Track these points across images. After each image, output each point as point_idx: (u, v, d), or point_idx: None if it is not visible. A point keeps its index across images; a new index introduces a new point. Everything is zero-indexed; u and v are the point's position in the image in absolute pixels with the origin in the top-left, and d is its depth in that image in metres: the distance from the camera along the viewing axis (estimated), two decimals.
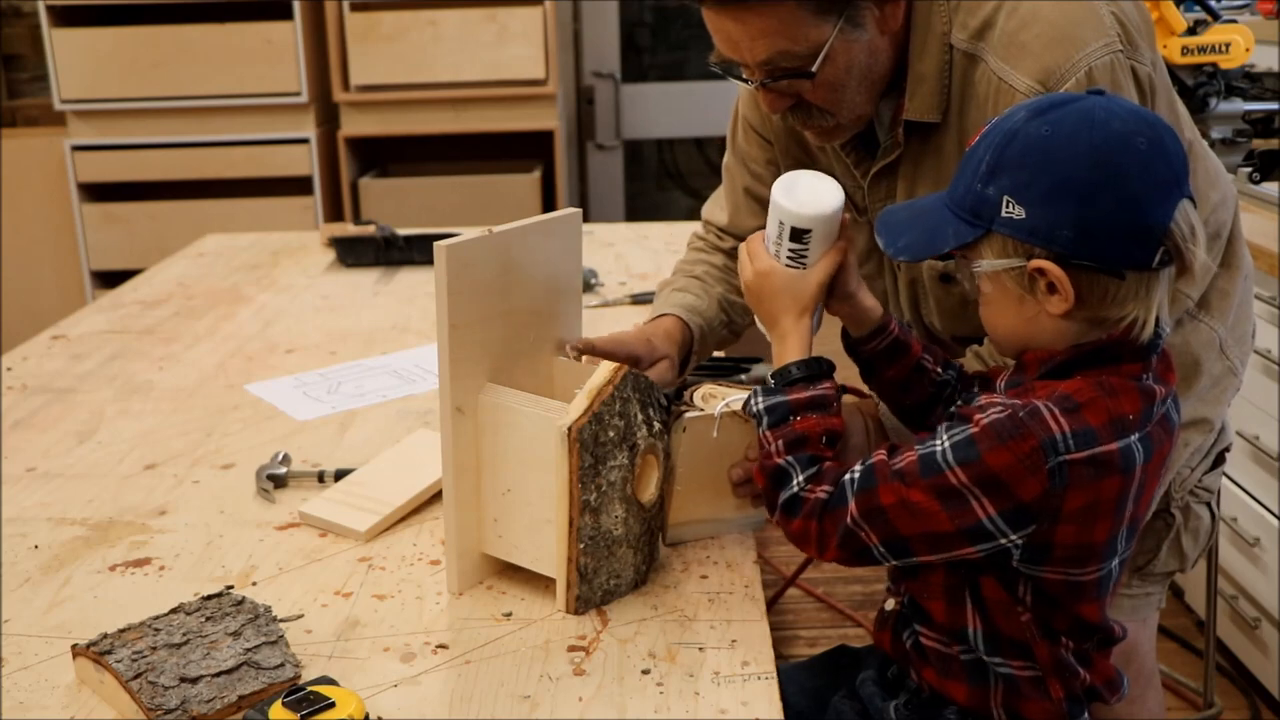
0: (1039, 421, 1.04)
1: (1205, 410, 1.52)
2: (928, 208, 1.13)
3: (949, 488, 1.06)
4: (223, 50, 3.96)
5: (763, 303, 1.26)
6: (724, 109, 1.77)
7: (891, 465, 1.10)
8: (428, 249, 2.21)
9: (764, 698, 1.10)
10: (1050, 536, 1.06)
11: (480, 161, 4.31)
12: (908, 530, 1.09)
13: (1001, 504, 1.04)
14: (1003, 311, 1.12)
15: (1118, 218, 1.02)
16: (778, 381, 1.20)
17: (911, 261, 1.22)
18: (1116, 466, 1.06)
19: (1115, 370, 1.08)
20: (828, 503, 1.12)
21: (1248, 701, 2.46)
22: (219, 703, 1.06)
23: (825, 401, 1.18)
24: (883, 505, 1.09)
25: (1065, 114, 1.05)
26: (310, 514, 1.45)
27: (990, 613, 1.13)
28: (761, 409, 1.19)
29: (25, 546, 1.41)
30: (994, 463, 1.04)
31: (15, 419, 1.82)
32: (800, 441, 1.15)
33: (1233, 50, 2.46)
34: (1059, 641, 1.13)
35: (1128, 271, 1.04)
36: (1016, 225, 1.05)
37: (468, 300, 1.22)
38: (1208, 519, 1.58)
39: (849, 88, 1.35)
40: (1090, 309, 1.06)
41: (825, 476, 1.13)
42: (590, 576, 1.23)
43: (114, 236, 4.12)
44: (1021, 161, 1.04)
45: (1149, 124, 1.05)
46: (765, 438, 1.17)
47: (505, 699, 1.11)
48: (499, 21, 4.00)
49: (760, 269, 1.25)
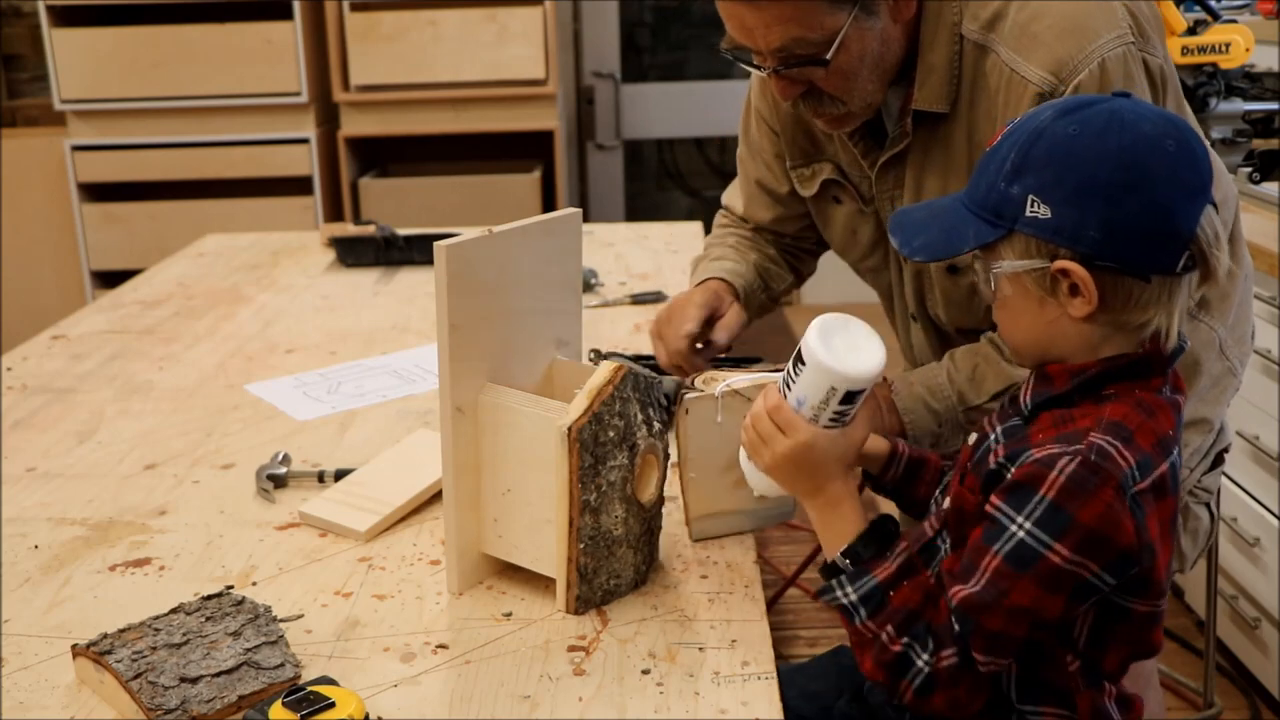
0: (1111, 462, 1.00)
1: (1205, 410, 1.52)
2: (945, 207, 1.11)
3: (1054, 571, 1.00)
4: (223, 50, 3.96)
5: (802, 474, 1.14)
6: (724, 109, 1.78)
7: (978, 593, 1.02)
8: (428, 249, 2.21)
9: (764, 698, 1.10)
10: (1153, 573, 1.03)
11: (480, 161, 4.31)
12: (1028, 632, 1.02)
13: (1105, 558, 1.00)
14: (1022, 314, 1.09)
15: (1145, 220, 1.00)
16: (853, 561, 1.09)
17: (928, 261, 1.17)
18: (1169, 487, 1.04)
19: (1146, 385, 1.06)
20: (960, 662, 1.03)
21: (1248, 701, 2.46)
22: (219, 703, 1.06)
23: (911, 564, 1.09)
24: (995, 631, 1.02)
25: (1093, 114, 1.03)
26: (310, 514, 1.45)
27: (1033, 660, 1.08)
28: (855, 600, 1.08)
29: (25, 546, 1.41)
30: (1089, 520, 0.99)
31: (15, 419, 1.82)
32: (910, 618, 1.05)
33: (1233, 50, 2.46)
34: (1103, 689, 1.09)
35: (1153, 275, 1.02)
36: (1041, 225, 1.02)
37: (468, 300, 1.22)
38: (1207, 519, 1.58)
39: (861, 76, 1.34)
40: (1113, 313, 1.04)
41: (943, 640, 1.04)
42: (590, 576, 1.23)
43: (114, 236, 4.12)
44: (1048, 161, 1.02)
45: (1176, 127, 1.03)
46: (867, 629, 1.07)
47: (505, 699, 1.11)
48: (499, 21, 4.00)
49: (801, 441, 1.12)
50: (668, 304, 1.59)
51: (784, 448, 1.12)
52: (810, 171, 1.59)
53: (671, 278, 2.53)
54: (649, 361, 1.85)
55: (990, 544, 1.02)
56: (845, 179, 1.54)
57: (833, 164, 1.55)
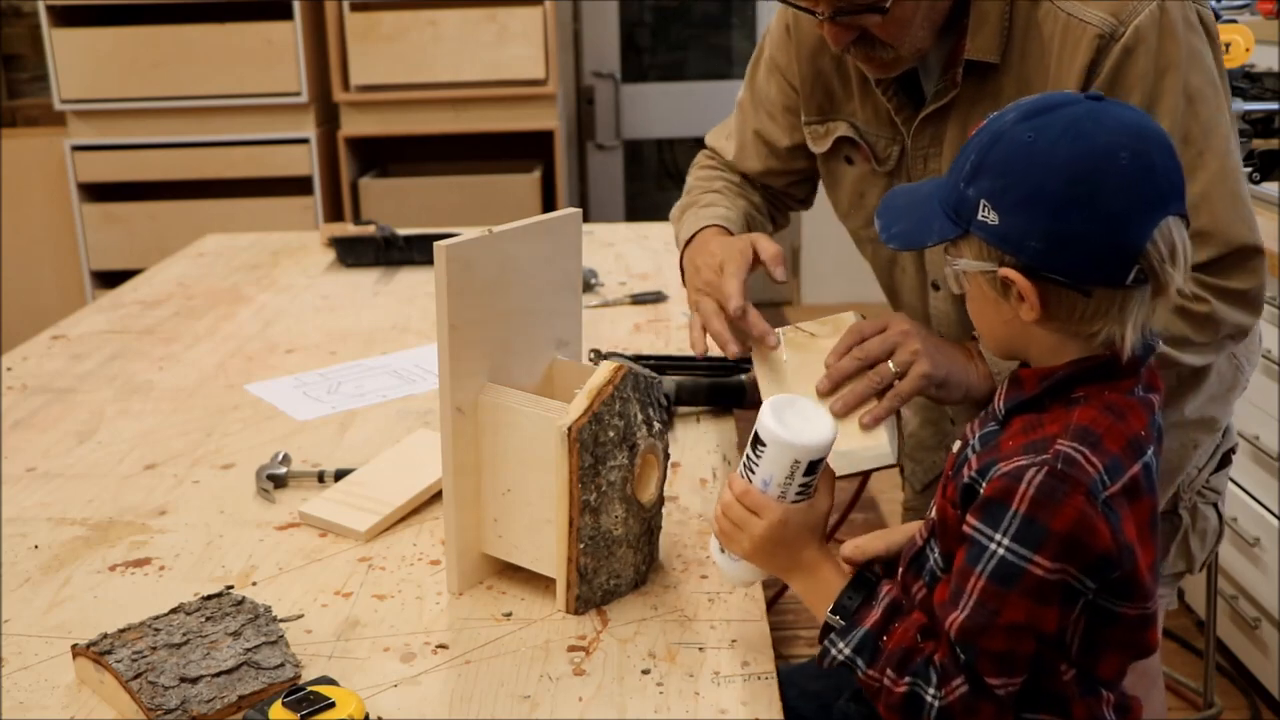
0: (1078, 469, 0.99)
1: (1214, 410, 1.52)
2: (925, 196, 1.11)
3: (1039, 583, 0.99)
4: (223, 50, 3.96)
5: (780, 551, 1.14)
6: (724, 109, 1.76)
7: (969, 618, 1.01)
8: (428, 249, 2.21)
9: (764, 698, 1.10)
10: (1135, 574, 1.02)
11: (480, 161, 4.31)
12: (1032, 647, 1.02)
13: (1084, 561, 1.00)
14: (982, 311, 1.10)
15: (1090, 234, 0.99)
16: (842, 616, 1.10)
17: (901, 249, 1.17)
18: (1143, 488, 1.03)
19: (1115, 387, 1.06)
20: (971, 690, 1.02)
21: (1248, 701, 2.47)
22: (219, 703, 1.06)
23: (897, 605, 1.08)
24: (999, 651, 1.01)
25: (1052, 120, 1.02)
26: (310, 514, 1.45)
27: (1031, 670, 1.06)
28: (850, 654, 1.07)
29: (25, 546, 1.41)
30: (1062, 528, 0.98)
31: (15, 419, 1.82)
32: (905, 657, 1.05)
33: (1233, 50, 2.46)
34: (1100, 695, 1.08)
35: (1096, 288, 1.01)
36: (990, 230, 1.02)
37: (468, 300, 1.22)
38: (1214, 519, 1.57)
39: (915, 23, 1.32)
40: (1060, 321, 1.04)
41: (949, 671, 1.03)
42: (590, 576, 1.23)
43: (114, 236, 4.12)
44: (1001, 167, 1.02)
45: (1139, 137, 1.01)
46: (870, 678, 1.06)
47: (505, 699, 1.11)
48: (499, 21, 4.00)
49: (775, 520, 1.12)
50: (694, 280, 1.52)
51: (760, 529, 1.13)
52: (825, 129, 1.56)
53: (672, 277, 2.53)
54: (649, 361, 1.85)
55: (973, 565, 1.02)
56: (861, 138, 1.52)
57: (849, 122, 1.53)
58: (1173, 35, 1.29)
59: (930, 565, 1.13)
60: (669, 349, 2.07)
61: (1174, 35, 1.29)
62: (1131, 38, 1.28)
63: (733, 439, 1.68)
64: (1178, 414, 1.49)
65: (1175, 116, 1.29)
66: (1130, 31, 1.28)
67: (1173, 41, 1.29)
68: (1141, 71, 1.29)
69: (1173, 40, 1.29)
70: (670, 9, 5.29)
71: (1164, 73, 1.29)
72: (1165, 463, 1.49)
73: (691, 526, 1.43)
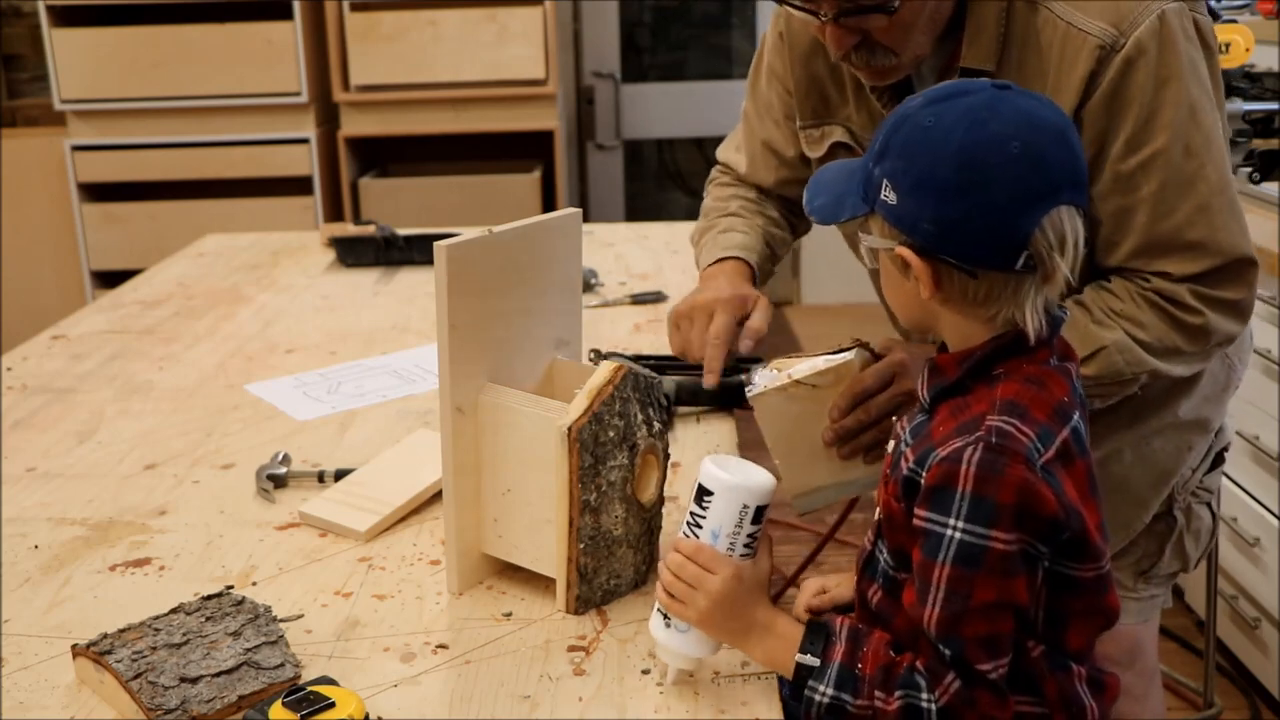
0: (1012, 440, 1.01)
1: (1207, 411, 1.52)
2: (850, 172, 1.13)
3: (1002, 557, 1.00)
4: (223, 50, 3.96)
5: (734, 612, 1.10)
6: (724, 109, 1.77)
7: (942, 610, 1.01)
8: (428, 249, 2.21)
9: (764, 698, 1.11)
10: (1085, 535, 1.04)
11: (480, 161, 4.31)
12: (1011, 625, 1.02)
13: (1036, 528, 1.01)
14: (890, 287, 1.14)
15: (976, 220, 1.02)
16: (810, 672, 1.07)
17: (821, 223, 1.18)
18: (1074, 451, 1.06)
19: (1032, 359, 1.08)
20: (964, 683, 1.02)
21: (1248, 701, 2.47)
22: (219, 703, 1.06)
23: (856, 633, 1.08)
24: (982, 635, 1.01)
25: (951, 108, 1.04)
26: (310, 514, 1.45)
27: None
28: (834, 694, 1.06)
29: (25, 546, 1.41)
30: (1010, 499, 1.00)
31: (15, 419, 1.82)
32: (887, 675, 1.04)
33: (1233, 50, 2.46)
34: (1070, 671, 1.08)
35: (984, 271, 1.04)
36: (889, 210, 1.06)
37: (468, 300, 1.22)
38: (1208, 519, 1.58)
39: (917, 29, 1.32)
40: (955, 301, 1.07)
41: (937, 672, 1.03)
42: (590, 576, 1.23)
43: (114, 236, 4.12)
44: (901, 149, 1.05)
45: (1033, 128, 1.03)
46: (861, 709, 1.05)
47: (505, 699, 1.11)
48: (499, 21, 4.01)
49: (728, 575, 1.09)
50: (692, 299, 1.54)
51: (716, 586, 1.09)
52: (820, 133, 1.56)
53: (671, 278, 2.53)
54: (649, 361, 1.85)
55: (933, 556, 1.02)
56: (856, 143, 1.52)
57: (844, 127, 1.53)
58: (1173, 46, 1.29)
59: (881, 566, 1.14)
60: (669, 349, 2.06)
61: (1174, 46, 1.29)
62: (1133, 49, 1.28)
63: (733, 439, 1.68)
64: (1171, 416, 1.49)
65: (1176, 128, 1.29)
66: (1131, 43, 1.28)
67: (1173, 53, 1.29)
68: (1142, 83, 1.29)
69: (1173, 51, 1.29)
70: (670, 9, 5.29)
71: (1164, 84, 1.29)
72: (1159, 465, 1.50)
73: None
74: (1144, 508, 1.51)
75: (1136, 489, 1.50)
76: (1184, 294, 1.32)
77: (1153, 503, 1.52)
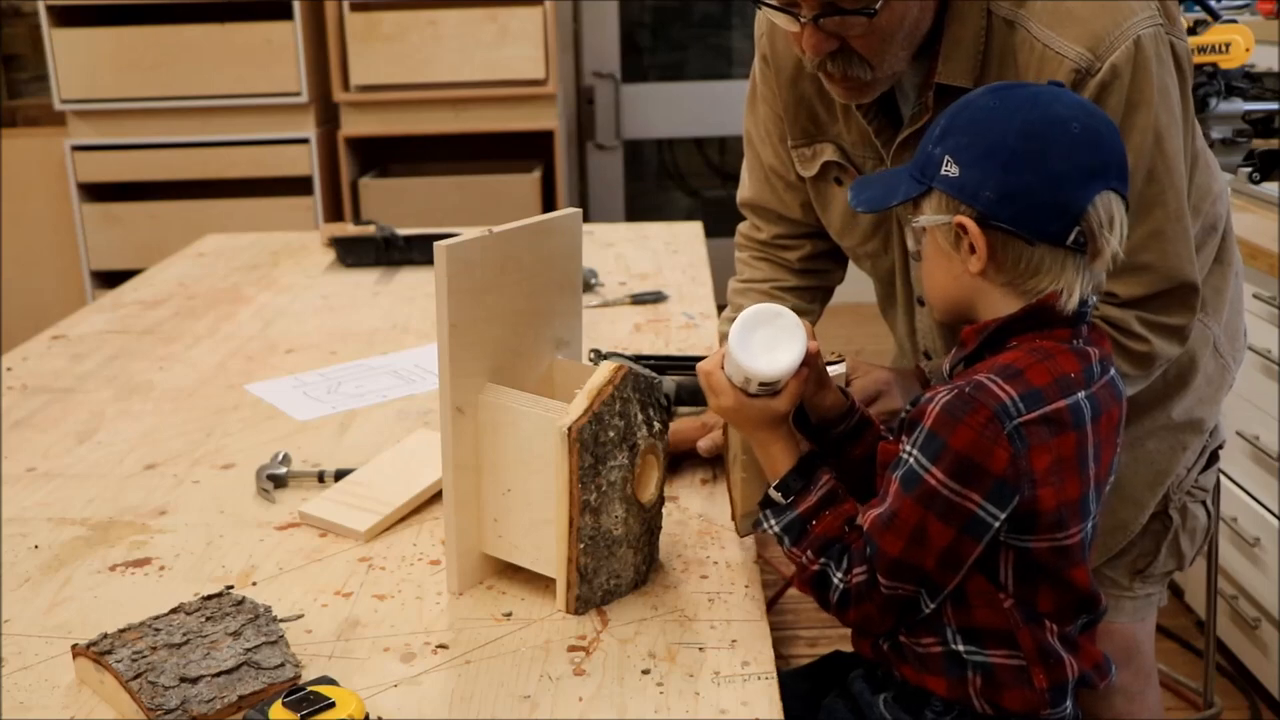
0: (985, 392, 1.08)
1: (1201, 410, 1.53)
2: (894, 172, 1.22)
3: (932, 493, 1.08)
4: (223, 50, 3.96)
5: (736, 422, 1.26)
6: (724, 109, 1.77)
7: (880, 514, 1.12)
8: (428, 249, 2.21)
9: (764, 698, 1.11)
10: (1034, 505, 1.09)
11: (480, 161, 4.31)
12: (928, 563, 1.11)
13: (982, 486, 1.07)
14: (934, 269, 1.18)
15: (1036, 188, 1.09)
16: (784, 494, 1.20)
17: (868, 212, 1.25)
18: (1069, 423, 1.10)
19: (1048, 335, 1.13)
20: (868, 581, 1.13)
21: (1248, 701, 2.46)
22: (219, 703, 1.06)
23: (832, 494, 1.19)
24: (895, 556, 1.11)
25: (1016, 93, 1.13)
26: (310, 514, 1.45)
27: (970, 604, 1.14)
28: (779, 531, 1.20)
29: (25, 546, 1.41)
30: (958, 444, 1.07)
31: (15, 419, 1.82)
32: (827, 543, 1.16)
33: (1233, 50, 2.46)
34: (1043, 625, 1.14)
35: (1040, 241, 1.10)
36: (950, 182, 1.12)
37: (468, 300, 1.22)
38: (1204, 518, 1.59)
39: (896, 40, 1.31)
40: (1005, 273, 1.12)
41: (855, 560, 1.14)
42: (590, 576, 1.23)
43: (114, 236, 4.12)
44: (966, 127, 1.13)
45: (1091, 114, 1.12)
46: (793, 554, 1.19)
47: (505, 699, 1.11)
48: (499, 21, 4.00)
49: (724, 405, 1.23)
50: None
51: (714, 405, 1.24)
52: (811, 152, 1.56)
53: (671, 278, 2.54)
54: (649, 361, 1.85)
55: (893, 471, 1.13)
56: (848, 160, 1.52)
57: (834, 145, 1.53)
58: (1146, 72, 1.29)
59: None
60: (669, 349, 2.07)
61: (1147, 72, 1.29)
62: (1108, 74, 1.28)
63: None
64: (1165, 417, 1.50)
65: (1141, 153, 1.30)
66: (1106, 68, 1.28)
67: (1146, 79, 1.29)
68: (1113, 107, 1.29)
69: (1146, 77, 1.29)
70: (670, 9, 5.28)
71: (1134, 109, 1.29)
72: (1154, 466, 1.51)
73: (691, 526, 1.43)
74: (1140, 508, 1.52)
75: (1132, 490, 1.50)
76: (1131, 321, 1.34)
77: (1149, 503, 1.52)
